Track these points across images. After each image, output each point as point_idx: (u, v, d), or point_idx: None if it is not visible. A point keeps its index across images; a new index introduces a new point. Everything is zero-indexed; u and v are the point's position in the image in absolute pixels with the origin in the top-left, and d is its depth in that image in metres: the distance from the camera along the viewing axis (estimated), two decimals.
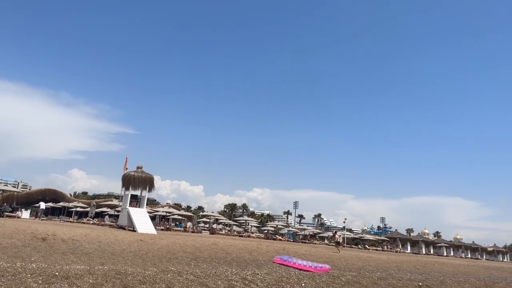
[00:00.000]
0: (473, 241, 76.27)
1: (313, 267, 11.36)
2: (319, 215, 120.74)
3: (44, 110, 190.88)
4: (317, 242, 47.99)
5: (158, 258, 10.18)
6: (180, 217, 47.39)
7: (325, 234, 60.93)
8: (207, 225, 50.24)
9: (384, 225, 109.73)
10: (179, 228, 37.89)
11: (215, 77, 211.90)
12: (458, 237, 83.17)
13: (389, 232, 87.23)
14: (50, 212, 44.04)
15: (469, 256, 65.76)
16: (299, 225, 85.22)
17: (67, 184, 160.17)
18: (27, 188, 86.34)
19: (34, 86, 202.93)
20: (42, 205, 34.53)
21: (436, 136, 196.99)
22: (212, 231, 39.45)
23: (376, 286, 9.51)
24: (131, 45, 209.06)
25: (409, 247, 61.77)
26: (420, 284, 10.97)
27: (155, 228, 25.83)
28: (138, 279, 6.20)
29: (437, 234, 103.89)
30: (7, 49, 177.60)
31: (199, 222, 50.49)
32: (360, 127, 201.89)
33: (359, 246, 50.84)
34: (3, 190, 48.46)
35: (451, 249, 67.03)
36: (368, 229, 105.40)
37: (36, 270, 5.72)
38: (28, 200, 46.19)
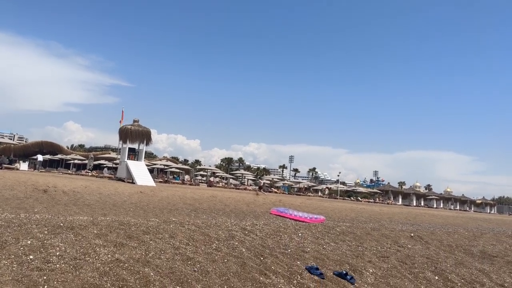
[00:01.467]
0: (462, 194, 78.69)
1: (308, 218, 11.72)
2: (314, 169, 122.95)
3: (34, 60, 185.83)
4: (311, 194, 49.32)
5: (159, 209, 10.41)
6: (177, 170, 48.09)
7: (319, 187, 62.42)
8: (204, 178, 51.18)
9: (377, 178, 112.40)
10: (177, 181, 38.58)
11: (213, 29, 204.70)
12: (449, 190, 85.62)
13: (381, 185, 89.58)
14: (48, 165, 44.37)
15: (458, 208, 68.24)
16: (294, 179, 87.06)
17: (63, 136, 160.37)
18: (23, 141, 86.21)
19: (23, 36, 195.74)
20: (40, 157, 34.74)
21: (432, 90, 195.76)
22: (210, 184, 40.21)
23: (370, 236, 9.88)
24: None
25: (400, 200, 63.75)
26: (412, 234, 11.41)
27: (154, 180, 26.28)
28: (141, 229, 6.37)
29: (428, 187, 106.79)
30: None
31: (196, 175, 51.36)
32: (355, 81, 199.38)
33: (352, 198, 52.40)
34: (0, 142, 48.43)
35: (441, 201, 69.36)
36: (361, 182, 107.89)
37: (41, 221, 5.85)
38: (25, 153, 46.33)
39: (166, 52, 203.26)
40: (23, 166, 32.54)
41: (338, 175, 67.43)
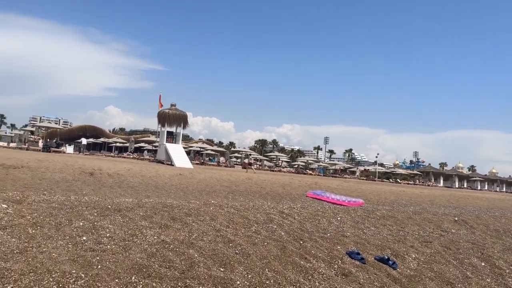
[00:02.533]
0: (509, 175, 74.53)
1: (346, 201, 11.57)
2: (350, 150, 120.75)
3: (74, 47, 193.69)
4: (348, 176, 48.61)
5: (198, 191, 10.67)
6: (213, 152, 48.86)
7: (356, 169, 61.33)
8: (238, 160, 51.73)
9: (417, 159, 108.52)
10: (212, 163, 39.32)
11: (245, 11, 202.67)
12: (494, 171, 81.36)
13: (421, 166, 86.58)
14: (91, 148, 46.61)
15: (504, 190, 64.79)
16: (330, 160, 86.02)
17: (105, 120, 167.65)
18: (68, 125, 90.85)
19: (63, 23, 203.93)
20: (84, 141, 36.44)
21: (476, 67, 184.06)
22: (244, 166, 40.62)
23: (411, 221, 9.62)
24: None
25: (442, 181, 61.45)
26: (456, 218, 10.99)
27: (191, 162, 26.94)
28: (184, 211, 6.57)
29: (471, 168, 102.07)
30: None
31: (231, 157, 52.01)
32: (394, 57, 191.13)
33: (391, 180, 51.11)
34: (47, 127, 51.29)
35: (486, 183, 66.10)
36: (400, 164, 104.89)
37: (90, 203, 6.17)
38: (70, 136, 48.80)
39: (200, 35, 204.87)
40: (69, 149, 34.35)
41: (376, 156, 65.93)
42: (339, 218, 8.38)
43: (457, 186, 59.42)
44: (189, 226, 5.77)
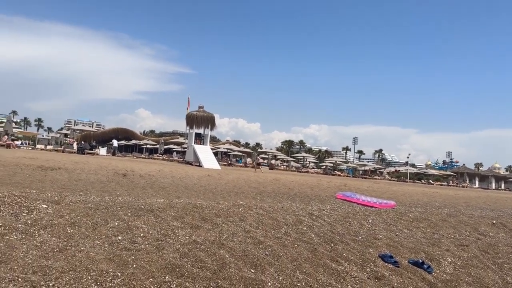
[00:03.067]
0: None
1: (377, 203, 11.31)
2: (380, 150, 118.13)
3: (107, 52, 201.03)
4: (378, 177, 47.55)
5: (226, 192, 10.76)
6: (240, 153, 49.13)
7: (387, 170, 59.88)
8: (265, 161, 51.72)
9: (450, 159, 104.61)
10: (239, 164, 39.55)
11: (270, 13, 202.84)
12: None
13: (455, 166, 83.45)
14: (123, 149, 48.03)
15: None
16: (359, 161, 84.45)
17: (135, 123, 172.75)
18: (101, 128, 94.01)
19: (96, 29, 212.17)
20: (115, 142, 37.58)
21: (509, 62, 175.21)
22: (271, 167, 40.57)
23: (446, 223, 9.29)
24: None
25: (477, 182, 58.92)
26: (494, 221, 10.51)
27: (219, 163, 27.21)
28: (213, 212, 6.64)
29: (509, 168, 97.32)
30: None
31: (257, 158, 52.06)
32: (426, 55, 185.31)
33: (423, 181, 49.56)
34: (81, 130, 53.32)
35: None
36: (433, 164, 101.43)
37: (124, 204, 6.35)
38: (103, 139, 50.49)
39: (226, 38, 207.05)
40: (102, 151, 35.56)
41: (408, 157, 64.05)
42: (370, 221, 8.20)
43: (493, 187, 56.70)
44: (219, 227, 5.82)
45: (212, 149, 32.01)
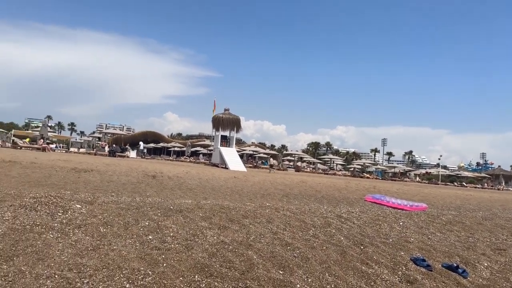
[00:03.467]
0: None
1: (408, 205, 11.00)
2: (410, 152, 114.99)
3: (136, 57, 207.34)
4: (408, 180, 46.27)
5: (252, 193, 10.78)
6: (265, 156, 49.13)
7: (417, 172, 58.14)
8: (291, 163, 51.48)
9: (485, 161, 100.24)
10: (265, 166, 39.52)
11: (292, 15, 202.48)
12: None
13: (490, 168, 79.94)
14: (152, 152, 49.14)
15: None
16: (388, 163, 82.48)
17: (163, 126, 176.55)
18: (131, 131, 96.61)
19: (125, 35, 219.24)
20: (142, 145, 38.51)
21: None
22: (298, 169, 40.32)
23: (481, 227, 8.89)
24: None
25: None
26: None
27: (244, 165, 27.31)
28: (240, 213, 6.66)
29: None
30: (98, 1, 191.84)
31: (283, 160, 51.92)
32: (454, 58, 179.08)
33: (455, 183, 47.80)
34: (112, 133, 54.98)
35: None
36: (466, 166, 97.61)
37: (154, 204, 6.49)
38: (133, 142, 51.83)
39: (250, 41, 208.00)
40: (132, 154, 36.51)
41: (439, 158, 61.97)
42: (401, 223, 7.98)
43: None
44: (246, 228, 5.83)
45: (237, 151, 32.19)
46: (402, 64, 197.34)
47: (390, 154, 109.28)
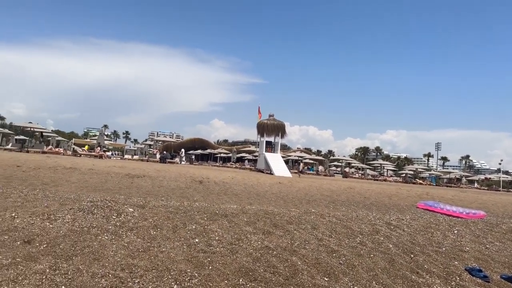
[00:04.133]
0: None
1: (464, 213, 10.34)
2: (467, 156, 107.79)
3: (184, 67, 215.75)
4: (465, 186, 43.42)
5: (297, 199, 10.72)
6: (311, 161, 48.52)
7: (476, 178, 54.35)
8: (338, 169, 50.40)
9: None
10: (311, 172, 39.04)
11: (337, 19, 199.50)
12: None
13: None
14: (200, 158, 50.49)
15: None
16: (443, 168, 77.98)
17: (210, 133, 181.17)
18: (180, 138, 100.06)
19: (175, 47, 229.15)
20: (182, 152, 39.60)
21: None
22: (345, 175, 39.38)
23: None
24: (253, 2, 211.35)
25: None
26: None
27: (289, 171, 27.17)
28: (285, 219, 6.65)
29: None
30: (149, 15, 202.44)
31: (330, 166, 50.98)
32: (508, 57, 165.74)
33: None
34: (163, 141, 57.28)
35: None
36: None
37: (200, 209, 6.68)
38: (182, 148, 53.47)
39: (295, 46, 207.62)
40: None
41: (500, 163, 57.44)
42: (456, 231, 7.51)
43: None
44: (290, 233, 5.81)
45: (282, 157, 32.13)
46: (458, 65, 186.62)
47: (444, 159, 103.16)
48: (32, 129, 37.40)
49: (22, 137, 41.67)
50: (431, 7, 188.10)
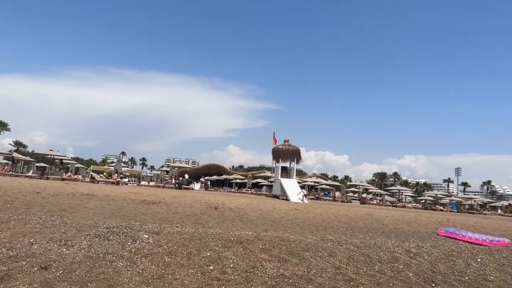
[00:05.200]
0: None
1: (487, 240, 9.96)
2: (489, 182, 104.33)
3: (201, 95, 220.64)
4: (488, 212, 41.90)
5: (314, 226, 10.53)
6: (327, 187, 47.83)
7: (498, 204, 52.43)
8: (355, 195, 49.48)
9: None
10: (328, 198, 38.45)
11: (351, 47, 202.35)
12: None
13: None
14: (215, 184, 50.50)
15: None
16: (464, 194, 75.68)
17: (226, 159, 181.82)
18: (195, 164, 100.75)
19: (192, 75, 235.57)
20: (186, 176, 39.32)
21: None
22: (363, 201, 38.64)
23: None
24: (270, 28, 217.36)
25: None
26: None
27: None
28: (301, 246, 6.54)
29: None
30: (169, 45, 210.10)
31: (347, 192, 50.13)
32: None
33: None
34: (179, 167, 57.68)
35: None
36: None
37: (215, 235, 6.64)
38: (197, 174, 53.65)
39: (309, 74, 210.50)
40: (197, 186, 37.84)
41: None
42: (479, 260, 7.21)
43: None
44: (307, 261, 5.69)
45: (298, 182, 31.84)
46: (476, 89, 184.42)
47: (465, 184, 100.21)
48: (52, 156, 38.34)
49: (42, 164, 42.72)
50: (447, 32, 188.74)
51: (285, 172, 28.90)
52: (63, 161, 39.29)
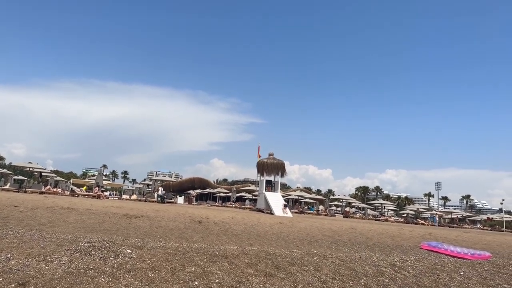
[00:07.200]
0: None
1: (469, 254, 10.12)
2: (468, 196, 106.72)
3: (186, 109, 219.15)
4: (467, 226, 42.74)
5: (299, 240, 10.50)
6: (311, 201, 47.96)
7: (478, 218, 53.58)
8: (339, 209, 49.75)
9: None
10: (311, 212, 38.52)
11: (338, 63, 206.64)
12: None
13: None
14: (199, 198, 49.92)
15: None
16: (444, 208, 77.11)
17: (210, 172, 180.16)
18: (179, 177, 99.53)
19: (177, 89, 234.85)
20: (160, 190, 38.55)
21: None
22: (346, 215, 38.86)
23: None
24: (255, 42, 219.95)
25: None
26: None
27: (290, 211, 26.78)
28: (287, 260, 6.48)
29: None
30: (155, 58, 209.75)
31: (330, 206, 50.34)
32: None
33: None
34: (162, 180, 56.91)
35: None
36: None
37: (200, 250, 6.52)
38: (181, 188, 53.11)
39: (292, 88, 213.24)
40: (180, 200, 37.32)
41: (501, 203, 57.00)
42: (462, 273, 7.30)
43: None
44: (293, 275, 5.64)
45: (282, 196, 31.82)
46: (455, 104, 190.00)
47: (445, 198, 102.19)
48: (31, 169, 37.28)
49: (20, 177, 41.40)
50: (429, 44, 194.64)
51: (270, 185, 28.90)
52: (42, 174, 38.22)
